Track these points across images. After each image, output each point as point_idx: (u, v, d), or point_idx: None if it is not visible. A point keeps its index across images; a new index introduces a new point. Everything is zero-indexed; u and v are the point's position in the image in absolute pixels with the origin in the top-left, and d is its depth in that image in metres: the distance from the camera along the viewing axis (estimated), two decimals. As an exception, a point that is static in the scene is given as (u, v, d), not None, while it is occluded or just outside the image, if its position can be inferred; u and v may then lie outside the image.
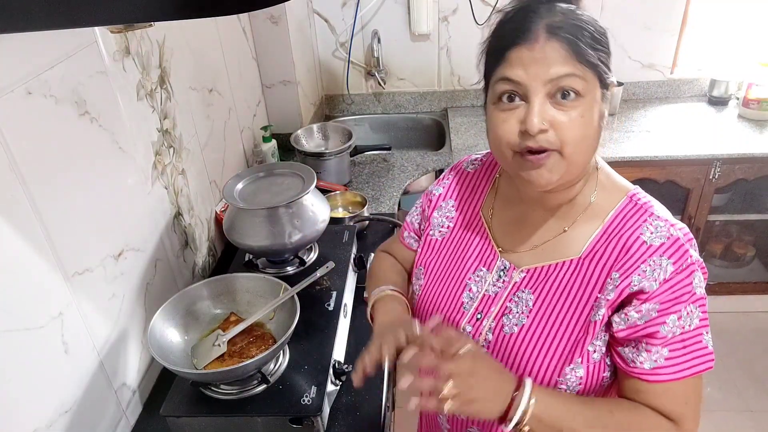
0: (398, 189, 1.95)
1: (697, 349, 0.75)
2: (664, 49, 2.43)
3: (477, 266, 0.89)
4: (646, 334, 0.74)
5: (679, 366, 0.75)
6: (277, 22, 1.99)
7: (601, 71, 0.72)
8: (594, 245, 0.79)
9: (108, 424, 1.05)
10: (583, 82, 0.71)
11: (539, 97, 0.71)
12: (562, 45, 0.70)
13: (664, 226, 0.75)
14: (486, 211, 0.92)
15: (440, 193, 0.99)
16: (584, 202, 0.82)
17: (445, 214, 0.96)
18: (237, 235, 1.29)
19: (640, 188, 0.83)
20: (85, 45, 0.99)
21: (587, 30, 0.71)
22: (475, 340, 0.85)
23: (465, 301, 0.88)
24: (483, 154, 0.99)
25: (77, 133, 0.97)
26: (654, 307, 0.73)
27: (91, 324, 1.00)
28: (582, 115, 0.71)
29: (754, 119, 2.27)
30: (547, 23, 0.70)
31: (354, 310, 1.34)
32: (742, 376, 2.31)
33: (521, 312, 0.82)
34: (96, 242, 1.02)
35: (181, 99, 1.38)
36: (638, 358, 0.75)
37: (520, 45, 0.71)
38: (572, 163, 0.74)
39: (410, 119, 2.61)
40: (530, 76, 0.71)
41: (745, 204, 2.43)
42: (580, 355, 0.77)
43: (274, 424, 1.00)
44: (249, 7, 0.54)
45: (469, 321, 0.87)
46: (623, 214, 0.79)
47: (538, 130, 0.71)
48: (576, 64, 0.70)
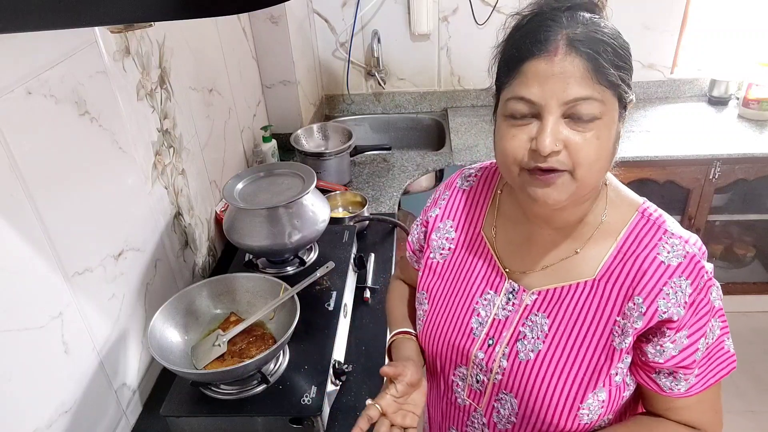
0: (398, 189, 1.95)
1: (721, 356, 0.76)
2: (664, 49, 2.43)
3: (484, 289, 0.85)
4: (683, 366, 0.74)
5: (707, 377, 0.76)
6: (277, 22, 1.99)
7: (621, 91, 0.68)
8: (609, 266, 0.76)
9: (108, 424, 1.05)
10: (601, 105, 0.66)
11: (554, 117, 0.67)
12: (582, 61, 0.65)
13: (679, 244, 0.73)
14: (488, 230, 0.88)
15: (437, 214, 0.93)
16: (595, 220, 0.78)
17: (444, 236, 0.91)
18: (237, 235, 1.29)
19: (648, 200, 0.80)
20: (85, 45, 0.99)
21: (610, 45, 0.66)
22: (489, 368, 0.82)
23: (474, 327, 0.84)
24: (476, 169, 0.94)
25: (77, 133, 0.97)
26: (685, 333, 0.72)
27: (91, 324, 1.00)
28: (598, 137, 0.67)
29: (754, 119, 2.27)
30: (568, 35, 0.65)
31: (354, 310, 1.34)
32: (743, 377, 2.31)
33: (536, 337, 0.79)
34: (96, 242, 1.02)
35: (181, 99, 1.38)
36: (676, 387, 0.75)
37: (537, 57, 0.66)
38: (583, 184, 0.70)
39: (410, 119, 2.61)
40: (546, 94, 0.66)
41: (745, 204, 2.43)
42: (603, 380, 0.75)
43: (274, 424, 1.00)
44: (249, 7, 0.54)
45: (481, 347, 0.83)
46: (636, 232, 0.76)
47: (550, 152, 0.67)
48: (595, 85, 0.65)
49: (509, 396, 0.81)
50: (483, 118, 2.48)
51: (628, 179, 2.10)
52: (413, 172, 2.06)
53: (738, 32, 2.37)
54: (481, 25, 2.37)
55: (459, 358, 0.86)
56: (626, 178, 2.11)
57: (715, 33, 2.39)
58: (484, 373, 0.83)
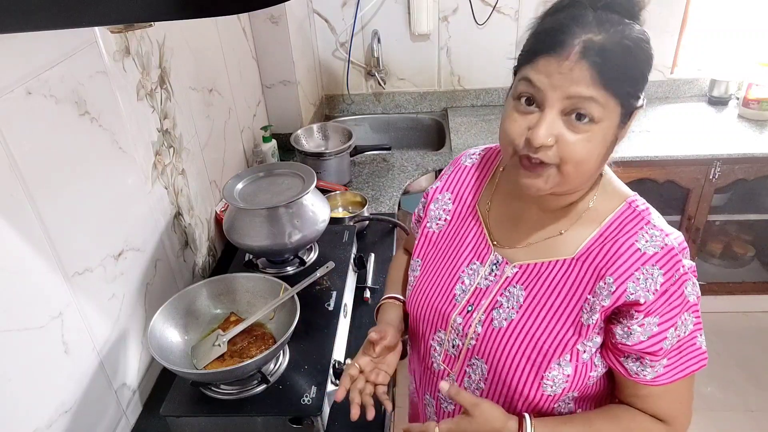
0: (398, 189, 1.95)
1: (692, 351, 0.78)
2: (664, 49, 2.43)
3: (471, 259, 0.90)
4: (650, 352, 0.75)
5: (676, 369, 0.78)
6: (277, 22, 1.99)
7: (626, 100, 0.70)
8: (588, 247, 0.79)
9: (108, 424, 1.05)
10: (601, 109, 0.69)
11: (553, 111, 0.70)
12: (591, 69, 0.67)
13: (659, 236, 0.75)
14: (483, 204, 0.93)
15: (437, 186, 0.99)
16: (583, 206, 0.82)
17: (441, 207, 0.97)
18: (237, 235, 1.29)
19: (638, 195, 0.83)
20: (85, 45, 0.99)
21: (626, 57, 0.68)
22: (465, 332, 0.87)
23: (457, 293, 0.89)
24: (481, 149, 0.99)
25: (77, 133, 0.97)
26: (655, 321, 0.74)
27: (91, 324, 1.00)
28: (589, 140, 0.71)
29: (754, 119, 2.27)
30: (586, 41, 0.67)
31: (354, 310, 1.34)
32: (741, 376, 2.31)
33: (511, 307, 0.83)
34: (96, 242, 1.02)
35: (181, 99, 1.38)
36: (642, 372, 0.78)
37: (550, 55, 0.69)
38: (567, 180, 0.74)
39: (410, 119, 2.61)
40: (551, 85, 0.69)
41: (744, 204, 2.43)
42: (569, 352, 0.79)
43: (274, 424, 1.00)
44: (249, 7, 0.54)
45: (460, 313, 0.88)
46: (620, 220, 0.79)
47: (541, 145, 0.70)
48: (600, 89, 0.68)
49: (480, 361, 0.86)
50: (483, 117, 2.48)
51: (628, 179, 2.10)
52: (413, 172, 2.06)
53: (738, 32, 2.37)
54: (481, 25, 2.37)
55: (440, 321, 0.91)
56: (626, 178, 2.10)
57: (715, 33, 2.39)
58: (460, 338, 0.88)
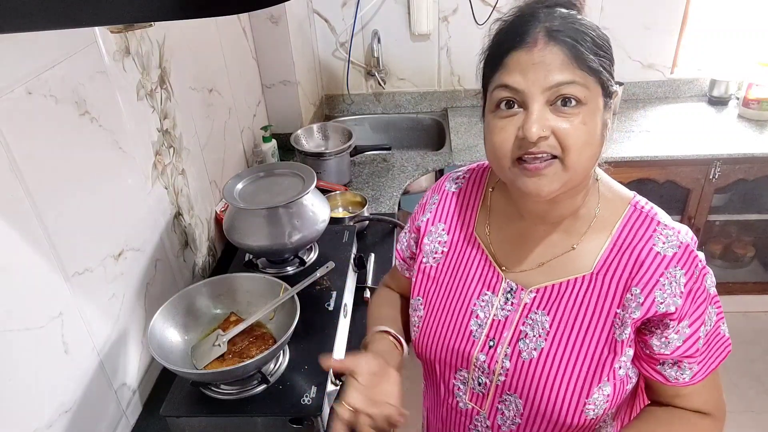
0: (398, 189, 1.95)
1: (719, 341, 0.78)
2: (664, 49, 2.43)
3: (481, 290, 0.84)
4: (687, 355, 0.75)
5: (708, 363, 0.77)
6: (277, 22, 1.99)
7: (603, 78, 0.70)
8: (605, 259, 0.76)
9: (108, 424, 1.05)
10: (584, 89, 0.68)
11: (538, 104, 0.68)
12: (561, 49, 0.67)
13: (673, 235, 0.74)
14: (481, 229, 0.87)
15: (428, 218, 0.92)
16: (588, 215, 0.79)
17: (436, 239, 0.90)
18: (237, 235, 1.29)
19: (637, 194, 0.81)
20: (85, 45, 0.99)
21: (588, 35, 0.69)
22: (491, 369, 0.82)
23: (473, 329, 0.83)
24: (464, 171, 0.94)
25: (77, 133, 0.97)
26: (686, 323, 0.74)
27: (91, 324, 1.00)
28: (584, 122, 0.68)
29: (754, 119, 2.27)
30: (547, 27, 0.68)
31: (354, 310, 1.34)
32: (743, 377, 2.31)
33: (538, 335, 0.78)
34: (96, 242, 1.02)
35: (181, 99, 1.38)
36: (681, 376, 0.77)
37: (517, 49, 0.68)
38: (574, 172, 0.70)
39: (410, 119, 2.61)
40: (529, 81, 0.67)
41: (745, 204, 2.43)
42: (607, 374, 0.76)
43: (274, 424, 1.00)
44: (249, 7, 0.54)
45: (482, 350, 0.82)
46: (630, 224, 0.77)
47: (538, 138, 0.67)
48: (576, 70, 0.67)
49: (513, 397, 0.81)
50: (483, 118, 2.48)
51: (628, 179, 2.11)
52: (413, 172, 2.06)
53: (738, 32, 2.37)
54: (481, 25, 2.37)
55: (459, 361, 0.85)
56: (626, 178, 2.11)
57: (715, 33, 2.39)
58: (487, 376, 0.82)
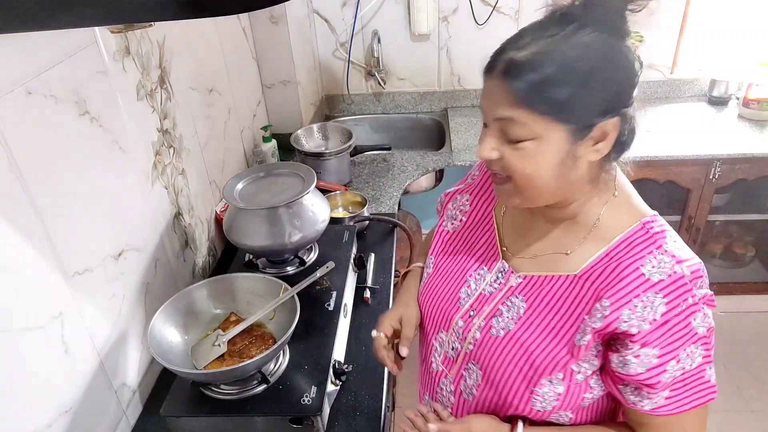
0: (398, 189, 1.95)
1: (698, 385, 0.74)
2: (664, 49, 2.43)
3: (480, 264, 0.90)
4: (647, 384, 0.72)
5: (679, 402, 0.74)
6: (277, 22, 1.99)
7: (567, 117, 0.68)
8: (593, 265, 0.77)
9: (108, 424, 1.05)
10: (525, 127, 0.69)
11: (491, 129, 0.74)
12: (511, 85, 0.68)
13: (669, 262, 0.71)
14: (498, 211, 0.93)
15: (459, 187, 1.01)
16: (588, 222, 0.79)
17: (459, 207, 0.99)
18: (237, 235, 1.29)
19: (658, 216, 0.78)
20: (85, 45, 0.99)
21: (561, 71, 0.66)
22: (464, 336, 0.87)
23: (462, 297, 0.89)
24: None
25: (77, 133, 0.97)
26: (654, 352, 0.71)
27: (91, 324, 1.00)
28: (527, 156, 0.72)
29: (754, 119, 2.27)
30: (511, 59, 0.68)
31: (354, 310, 1.34)
32: (743, 377, 2.31)
33: (510, 317, 0.82)
34: (96, 242, 1.02)
35: (181, 99, 1.38)
36: (639, 402, 0.75)
37: (485, 75, 0.73)
38: (527, 195, 0.76)
39: (410, 119, 2.61)
40: (484, 106, 0.74)
41: (745, 204, 2.43)
42: (561, 371, 0.77)
43: (274, 424, 1.00)
44: (249, 7, 0.54)
45: (462, 316, 0.88)
46: (630, 240, 0.75)
47: (484, 159, 0.75)
48: (518, 109, 0.69)
49: (476, 366, 0.86)
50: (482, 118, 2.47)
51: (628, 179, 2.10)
52: (413, 172, 2.06)
53: (738, 32, 2.37)
54: (481, 25, 2.37)
55: (443, 322, 0.92)
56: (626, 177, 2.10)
57: (715, 33, 2.39)
58: (460, 341, 0.88)
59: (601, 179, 0.78)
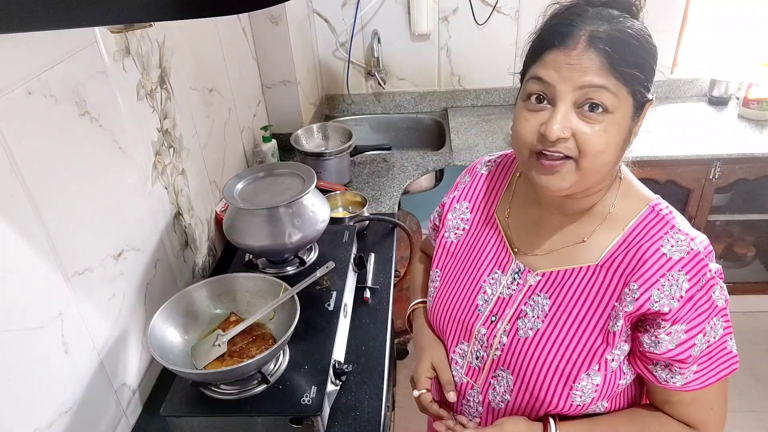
0: (398, 189, 1.95)
1: (723, 356, 0.76)
2: (664, 49, 2.43)
3: (492, 268, 0.89)
4: (679, 360, 0.74)
5: (706, 375, 0.76)
6: (277, 22, 1.99)
7: (636, 90, 0.70)
8: (612, 253, 0.78)
9: (108, 424, 1.05)
10: (614, 97, 0.69)
11: (566, 104, 0.70)
12: (599, 56, 0.67)
13: (684, 240, 0.74)
14: (501, 212, 0.92)
15: (455, 195, 0.99)
16: (603, 210, 0.80)
17: (459, 216, 0.96)
18: (237, 235, 1.29)
19: (661, 198, 0.81)
20: (85, 45, 0.99)
21: (631, 45, 0.68)
22: (489, 343, 0.85)
23: (479, 304, 0.87)
24: (497, 156, 0.98)
25: (77, 133, 0.97)
26: (682, 328, 0.73)
27: (91, 324, 1.00)
28: (606, 130, 0.70)
29: (754, 119, 2.27)
30: (591, 31, 0.68)
31: (354, 310, 1.34)
32: (744, 377, 2.31)
33: (536, 316, 0.81)
34: (96, 242, 1.02)
35: (181, 99, 1.38)
36: (671, 379, 0.76)
37: (557, 48, 0.70)
38: (586, 175, 0.72)
39: (410, 119, 2.61)
40: (562, 78, 0.69)
41: (745, 204, 2.43)
42: (597, 362, 0.77)
43: (274, 424, 1.00)
44: (249, 7, 0.54)
45: (484, 323, 0.86)
46: (644, 224, 0.77)
47: (557, 138, 0.69)
48: (610, 77, 0.68)
49: (506, 372, 0.84)
50: (483, 117, 2.48)
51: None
52: (413, 172, 2.06)
53: (738, 32, 2.37)
54: (481, 25, 2.37)
55: (463, 333, 0.89)
56: (626, 178, 2.11)
57: (715, 33, 2.39)
58: (485, 349, 0.86)
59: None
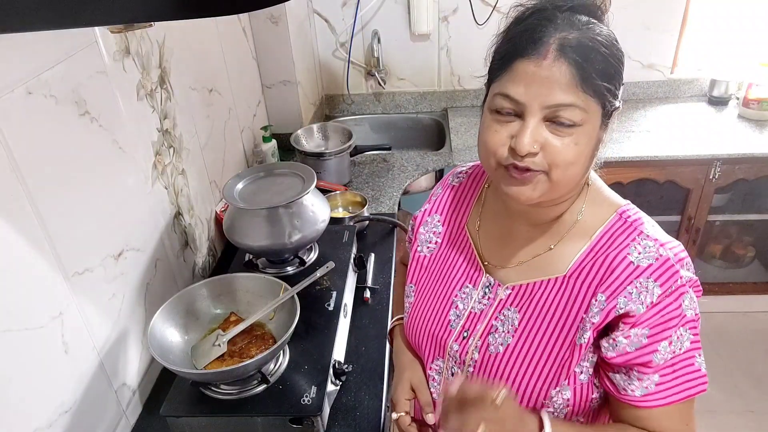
0: (398, 189, 1.95)
1: (689, 373, 0.73)
2: (664, 49, 2.43)
3: (464, 283, 0.87)
4: (638, 363, 0.72)
5: (670, 391, 0.73)
6: (277, 22, 1.99)
7: (606, 101, 0.69)
8: (580, 263, 0.77)
9: (108, 424, 1.05)
10: (582, 112, 0.67)
11: (534, 119, 0.68)
12: (570, 68, 0.66)
13: (653, 246, 0.72)
14: (472, 225, 0.91)
15: (426, 208, 0.97)
16: (571, 219, 0.79)
17: (431, 230, 0.95)
18: (237, 235, 1.29)
19: (631, 204, 0.80)
20: (85, 45, 0.99)
21: (601, 54, 0.67)
22: (462, 360, 0.84)
23: (452, 319, 0.86)
24: (468, 167, 0.97)
25: (77, 133, 0.97)
26: (644, 332, 0.71)
27: (91, 324, 1.00)
28: (576, 142, 0.69)
29: (754, 119, 2.27)
30: (561, 38, 0.66)
31: (354, 310, 1.34)
32: (743, 377, 2.31)
33: (507, 331, 0.80)
34: (96, 242, 1.02)
35: (181, 99, 1.38)
36: (629, 386, 0.73)
37: (527, 58, 0.67)
38: (557, 185, 0.72)
39: (410, 119, 2.61)
40: (530, 95, 0.67)
41: (745, 204, 2.43)
42: (566, 377, 0.76)
43: (274, 424, 1.00)
44: (249, 7, 0.54)
45: (456, 339, 0.85)
46: (611, 232, 0.76)
47: (527, 153, 0.68)
48: (579, 92, 0.66)
49: None
50: (483, 118, 2.48)
51: (628, 179, 2.11)
52: (413, 172, 2.06)
53: (738, 32, 2.37)
54: (481, 25, 2.37)
55: (437, 350, 0.89)
56: (626, 178, 2.11)
57: (715, 33, 2.39)
58: (458, 366, 0.86)
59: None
